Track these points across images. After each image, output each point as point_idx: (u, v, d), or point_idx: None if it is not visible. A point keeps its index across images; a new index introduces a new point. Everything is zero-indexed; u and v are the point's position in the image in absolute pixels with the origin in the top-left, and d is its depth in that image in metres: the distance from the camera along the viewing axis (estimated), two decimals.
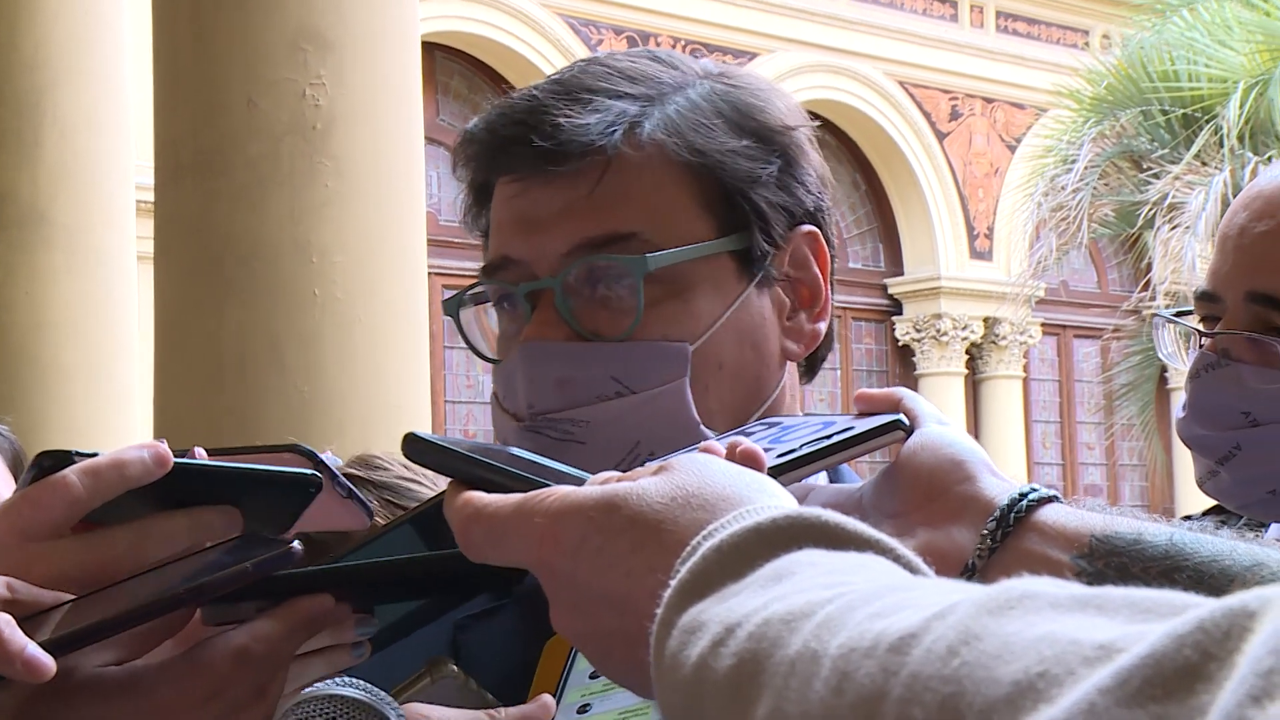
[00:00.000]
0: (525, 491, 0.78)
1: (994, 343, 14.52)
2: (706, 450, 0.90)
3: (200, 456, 1.01)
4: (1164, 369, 13.57)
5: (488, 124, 1.18)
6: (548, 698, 0.88)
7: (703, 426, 1.14)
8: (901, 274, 14.48)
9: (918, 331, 14.33)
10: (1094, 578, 0.87)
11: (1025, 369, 14.88)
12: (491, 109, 1.19)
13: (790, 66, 13.14)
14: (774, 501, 0.72)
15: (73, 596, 0.89)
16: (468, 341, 1.23)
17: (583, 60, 1.22)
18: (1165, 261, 11.18)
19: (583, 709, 0.81)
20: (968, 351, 14.50)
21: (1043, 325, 14.85)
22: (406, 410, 3.49)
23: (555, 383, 1.13)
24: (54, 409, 4.97)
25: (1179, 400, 1.54)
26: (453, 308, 1.23)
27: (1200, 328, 1.50)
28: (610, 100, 1.15)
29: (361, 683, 0.86)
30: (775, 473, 0.88)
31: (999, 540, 0.90)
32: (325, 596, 0.90)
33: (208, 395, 3.40)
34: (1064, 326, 15.27)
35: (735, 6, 13.17)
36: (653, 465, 0.77)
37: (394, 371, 3.48)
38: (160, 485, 0.92)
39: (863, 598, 0.60)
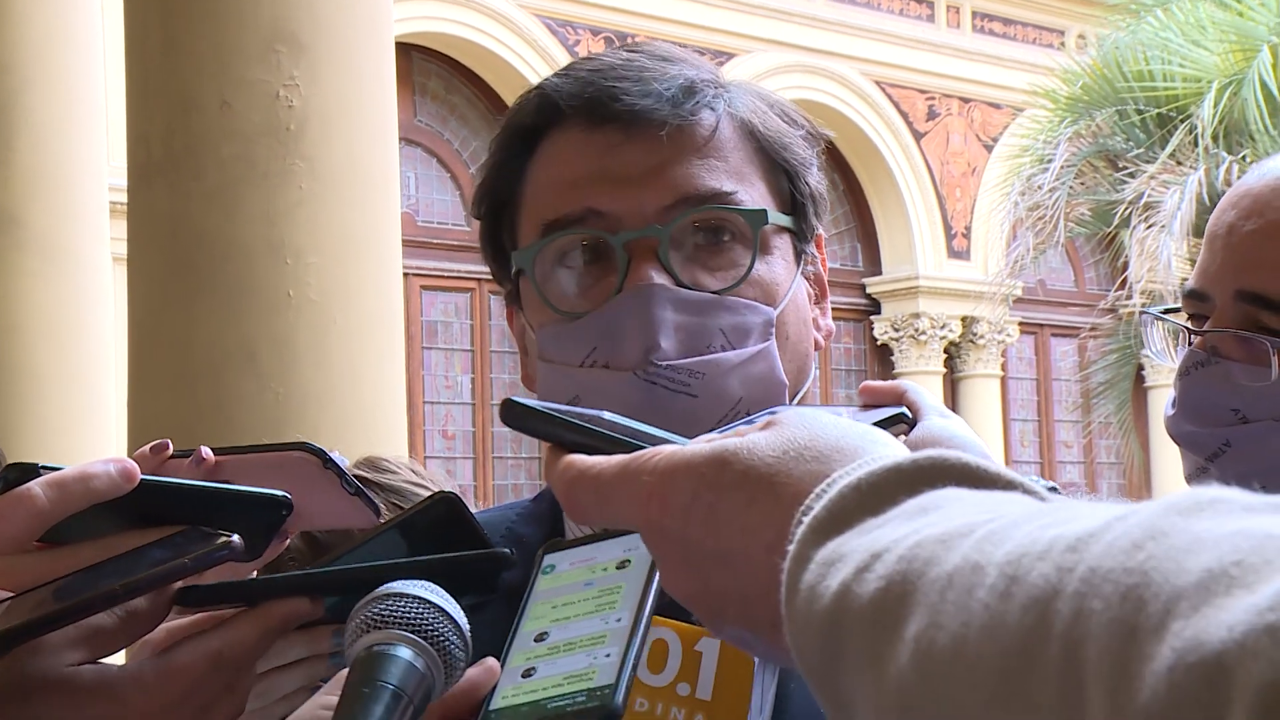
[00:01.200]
0: (625, 453, 0.76)
1: (972, 342, 14.56)
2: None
3: (206, 455, 1.01)
4: (1141, 367, 13.63)
5: (583, 79, 1.17)
6: (492, 660, 0.87)
7: (788, 393, 1.15)
8: (879, 273, 14.51)
9: (896, 331, 14.36)
10: None
11: (1003, 368, 14.93)
12: (572, 69, 1.19)
13: (767, 67, 13.16)
14: (890, 451, 0.70)
15: (6, 594, 0.88)
16: (544, 297, 1.17)
17: (628, 45, 1.24)
18: (1141, 260, 11.22)
19: (527, 673, 0.81)
20: (946, 350, 14.53)
21: (1020, 324, 14.89)
22: (381, 412, 3.48)
23: (675, 328, 1.12)
24: (27, 411, 4.95)
25: (1165, 398, 1.56)
26: (528, 259, 1.18)
27: (1189, 325, 1.51)
28: (692, 73, 1.18)
29: (426, 584, 0.86)
30: None
31: None
32: (301, 600, 0.90)
33: (182, 397, 3.39)
34: (1041, 325, 15.32)
35: (712, 7, 13.18)
36: (759, 421, 0.75)
37: (369, 373, 3.47)
38: (127, 501, 0.91)
39: (1026, 515, 0.57)
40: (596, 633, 0.82)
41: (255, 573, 1.11)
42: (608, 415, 0.86)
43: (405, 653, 0.82)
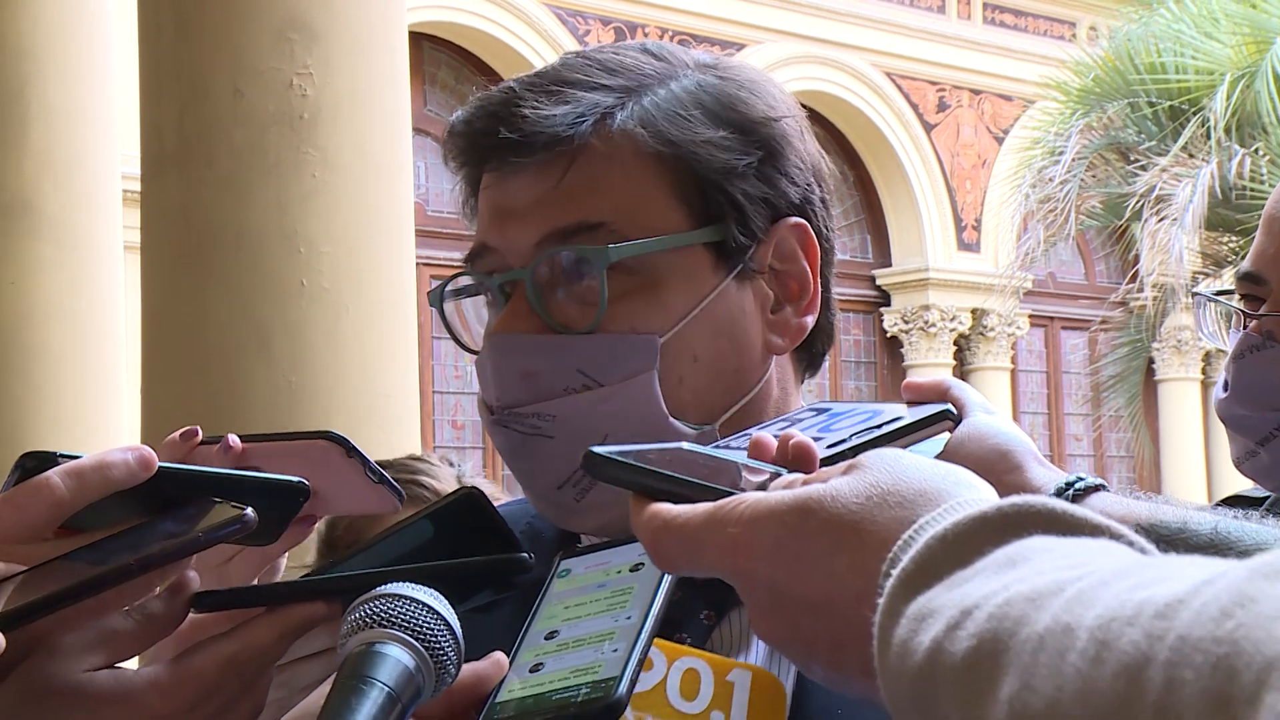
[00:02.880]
0: (709, 500, 0.77)
1: (982, 334, 14.54)
2: (756, 443, 0.90)
3: (234, 443, 1.01)
4: (1151, 361, 13.61)
5: (466, 117, 1.18)
6: (500, 655, 0.88)
7: (673, 420, 1.13)
8: (889, 265, 14.49)
9: (906, 323, 14.34)
10: None
11: (1013, 360, 14.91)
12: (471, 101, 1.19)
13: (777, 58, 13.14)
14: (976, 494, 0.71)
15: (22, 568, 0.88)
16: (451, 332, 1.23)
17: (570, 53, 1.22)
18: (1153, 253, 11.20)
19: (535, 668, 0.82)
20: (955, 343, 14.52)
21: (1030, 317, 14.87)
22: (394, 400, 3.48)
23: (520, 375, 1.13)
24: (40, 398, 4.96)
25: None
26: (436, 298, 1.23)
27: (1243, 308, 1.51)
28: (584, 92, 1.15)
29: (427, 589, 0.86)
30: (826, 463, 0.88)
31: None
32: (318, 604, 0.90)
33: (194, 385, 3.39)
34: (1051, 318, 15.29)
35: None
36: (841, 465, 0.76)
37: (382, 362, 3.47)
38: (145, 489, 0.91)
39: (1115, 573, 0.57)
40: (605, 630, 0.82)
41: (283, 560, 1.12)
42: (687, 446, 0.87)
43: (396, 651, 0.82)
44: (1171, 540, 0.89)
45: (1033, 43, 14.74)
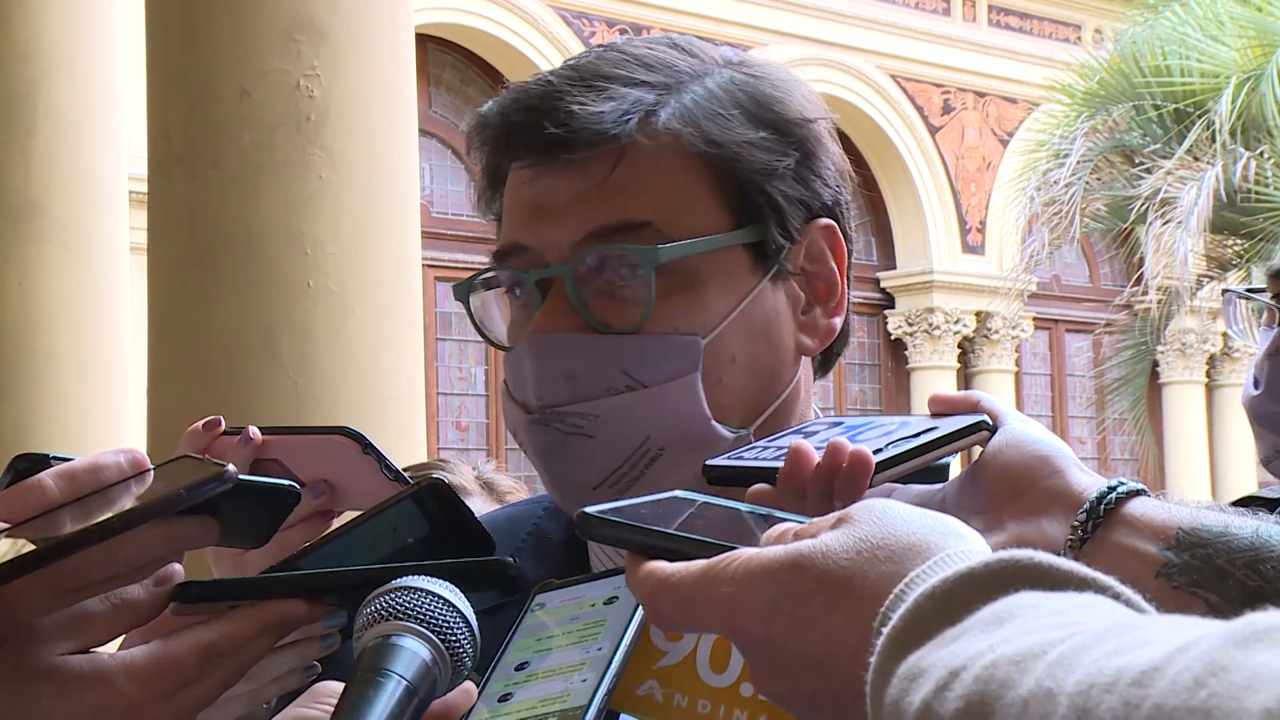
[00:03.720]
0: (702, 555, 0.77)
1: (986, 337, 14.53)
2: (796, 451, 0.91)
3: (254, 435, 1.01)
4: (1155, 364, 13.59)
5: (501, 109, 1.16)
6: (470, 685, 0.88)
7: (713, 422, 1.12)
8: (894, 268, 14.49)
9: (910, 325, 14.34)
10: (1181, 569, 0.89)
11: (1017, 363, 14.90)
12: (506, 93, 1.17)
13: (783, 60, 13.13)
14: (965, 545, 0.72)
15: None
16: (478, 328, 1.22)
17: (600, 46, 1.20)
18: (1157, 256, 11.19)
19: (504, 698, 0.82)
20: (960, 345, 14.51)
21: (1035, 319, 14.86)
22: (400, 402, 3.48)
23: (564, 375, 1.12)
24: (47, 400, 4.96)
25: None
26: (463, 293, 1.21)
27: (1277, 304, 1.51)
28: (626, 88, 1.13)
29: (443, 582, 0.85)
30: (882, 467, 0.89)
31: (1090, 532, 0.92)
32: (297, 602, 0.89)
33: (200, 386, 3.39)
34: (1056, 321, 15.28)
35: (728, 0, 13.17)
36: (830, 517, 0.76)
37: (388, 363, 3.47)
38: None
39: (1096, 636, 0.59)
40: (576, 661, 0.83)
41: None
42: (680, 494, 0.87)
43: (413, 644, 0.81)
44: (1213, 544, 0.89)
45: (1038, 45, 14.73)
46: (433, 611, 0.83)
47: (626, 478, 1.12)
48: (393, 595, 0.84)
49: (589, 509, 0.82)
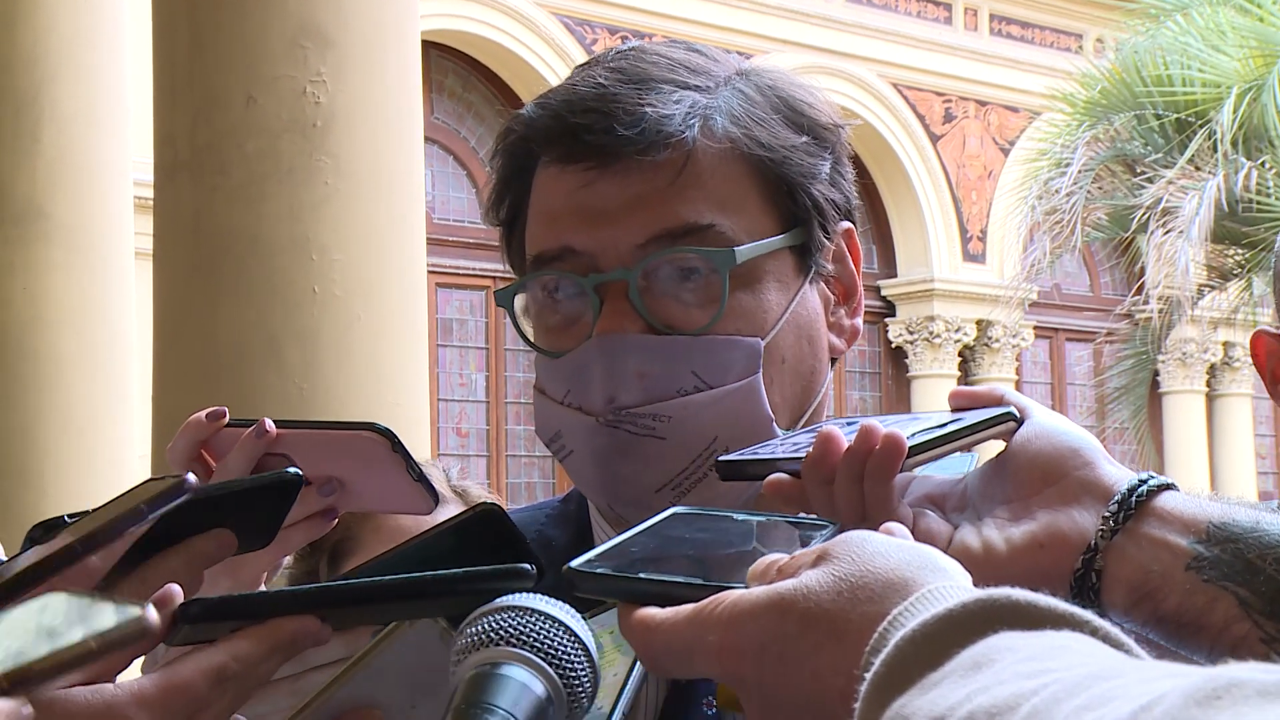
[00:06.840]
0: (690, 598, 0.78)
1: (987, 345, 14.53)
2: (826, 436, 0.92)
3: (269, 428, 1.00)
4: (1156, 373, 13.58)
5: (553, 111, 1.14)
6: None
7: (774, 423, 1.13)
8: (895, 276, 14.49)
9: (911, 333, 14.34)
10: (1211, 563, 0.89)
11: (1018, 372, 14.89)
12: (549, 96, 1.16)
13: (785, 68, 13.13)
14: (945, 580, 0.72)
15: None
16: (520, 332, 1.20)
17: (620, 50, 1.19)
18: (1158, 266, 11.19)
19: None
20: (960, 354, 14.51)
21: (1035, 328, 14.86)
22: (405, 408, 3.48)
23: (636, 376, 1.11)
24: (52, 405, 4.96)
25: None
26: (508, 298, 1.19)
27: None
28: (682, 90, 1.13)
29: (559, 602, 0.76)
30: (913, 452, 0.90)
31: (1120, 523, 0.92)
32: (311, 619, 0.86)
33: (206, 391, 3.39)
34: (1056, 330, 15.28)
35: (730, 7, 13.17)
36: (810, 553, 0.77)
37: (393, 369, 3.47)
38: (151, 529, 0.90)
39: (1067, 689, 0.60)
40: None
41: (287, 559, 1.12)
42: (680, 509, 0.88)
43: (523, 674, 0.71)
44: (1244, 538, 0.90)
45: (1039, 54, 14.74)
46: (549, 637, 0.72)
47: (690, 480, 1.12)
48: (500, 616, 0.72)
49: (574, 563, 0.79)
